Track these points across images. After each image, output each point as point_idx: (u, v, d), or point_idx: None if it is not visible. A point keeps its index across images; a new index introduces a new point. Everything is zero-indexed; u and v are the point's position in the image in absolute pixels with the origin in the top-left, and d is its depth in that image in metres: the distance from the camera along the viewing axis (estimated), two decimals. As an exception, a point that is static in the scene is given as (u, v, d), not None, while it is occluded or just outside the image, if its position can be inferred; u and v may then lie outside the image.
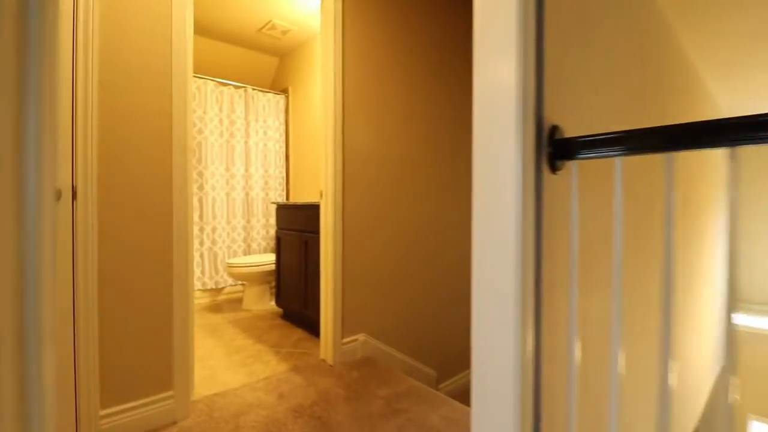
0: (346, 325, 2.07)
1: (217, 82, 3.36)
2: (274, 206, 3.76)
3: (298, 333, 2.54)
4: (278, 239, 2.88)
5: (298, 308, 2.61)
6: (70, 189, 1.29)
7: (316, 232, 2.43)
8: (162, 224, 1.47)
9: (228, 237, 3.44)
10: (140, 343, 1.43)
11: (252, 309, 3.10)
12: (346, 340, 2.05)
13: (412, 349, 2.39)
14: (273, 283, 3.27)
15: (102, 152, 1.34)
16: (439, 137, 2.56)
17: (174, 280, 1.49)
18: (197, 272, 3.26)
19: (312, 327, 2.56)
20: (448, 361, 2.64)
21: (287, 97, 3.80)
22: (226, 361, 2.08)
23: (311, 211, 2.50)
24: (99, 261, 1.33)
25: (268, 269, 3.03)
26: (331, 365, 2.01)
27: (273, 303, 3.21)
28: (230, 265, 2.95)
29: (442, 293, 2.60)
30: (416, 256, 2.42)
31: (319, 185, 2.07)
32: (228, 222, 3.45)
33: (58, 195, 1.25)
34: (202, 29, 3.30)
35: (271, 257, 3.10)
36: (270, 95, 3.69)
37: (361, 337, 2.12)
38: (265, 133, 3.67)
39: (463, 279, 2.74)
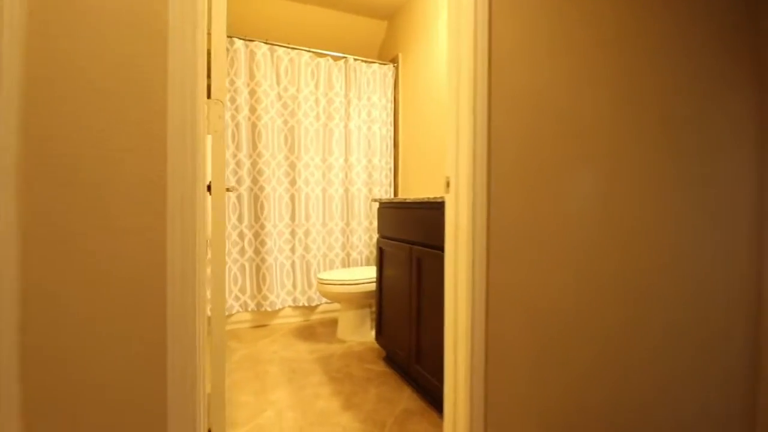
0: (492, 414, 1.13)
1: (313, 53, 2.74)
2: (376, 205, 3.02)
3: (405, 395, 1.70)
4: (380, 251, 2.09)
5: (406, 358, 1.76)
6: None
7: (434, 246, 1.55)
8: (141, 240, 0.75)
9: (323, 243, 2.81)
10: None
11: (347, 340, 2.38)
12: (490, 449, 1.12)
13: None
14: (375, 308, 2.51)
15: (32, 113, 0.68)
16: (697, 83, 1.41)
17: (168, 347, 0.77)
18: (288, 285, 2.69)
19: (427, 389, 1.68)
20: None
21: (396, 68, 3.00)
22: (296, 446, 1.34)
23: (427, 212, 1.62)
24: (23, 310, 0.67)
25: (368, 289, 2.27)
26: (462, 496, 1.09)
27: (374, 334, 2.44)
28: (321, 281, 2.27)
29: (676, 356, 1.44)
30: (629, 295, 1.33)
31: (444, 170, 1.14)
32: (324, 225, 2.81)
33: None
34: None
35: (373, 273, 2.34)
36: (375, 66, 2.94)
37: (516, 443, 1.15)
38: (368, 113, 2.93)
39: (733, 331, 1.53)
